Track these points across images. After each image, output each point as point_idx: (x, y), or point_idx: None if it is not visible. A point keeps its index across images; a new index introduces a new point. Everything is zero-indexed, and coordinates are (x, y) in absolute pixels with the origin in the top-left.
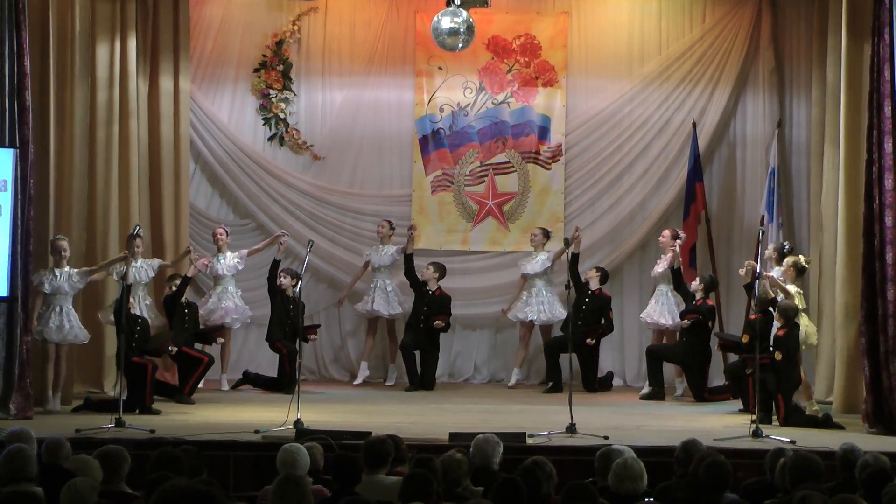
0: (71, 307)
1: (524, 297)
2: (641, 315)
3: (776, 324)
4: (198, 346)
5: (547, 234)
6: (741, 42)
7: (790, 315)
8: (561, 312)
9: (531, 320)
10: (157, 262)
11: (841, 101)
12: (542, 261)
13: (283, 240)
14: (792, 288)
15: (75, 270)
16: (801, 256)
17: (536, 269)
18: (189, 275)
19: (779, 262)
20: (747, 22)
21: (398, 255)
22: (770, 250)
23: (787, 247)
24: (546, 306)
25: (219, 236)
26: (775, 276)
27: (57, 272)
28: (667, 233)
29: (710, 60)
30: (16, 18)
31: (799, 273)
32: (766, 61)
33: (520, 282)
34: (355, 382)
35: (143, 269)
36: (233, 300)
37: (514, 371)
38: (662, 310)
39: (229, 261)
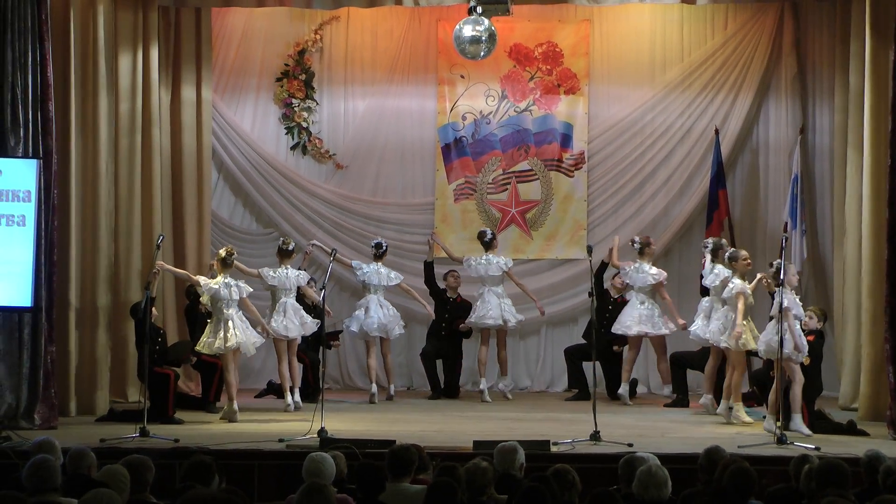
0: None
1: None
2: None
3: (804, 328)
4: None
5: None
6: (763, 48)
7: (824, 319)
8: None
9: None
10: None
11: (865, 106)
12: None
13: (308, 249)
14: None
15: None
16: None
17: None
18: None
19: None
20: (769, 28)
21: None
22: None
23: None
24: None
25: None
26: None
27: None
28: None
29: (733, 67)
30: (38, 29)
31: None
32: (789, 67)
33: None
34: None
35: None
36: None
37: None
38: (643, 318)
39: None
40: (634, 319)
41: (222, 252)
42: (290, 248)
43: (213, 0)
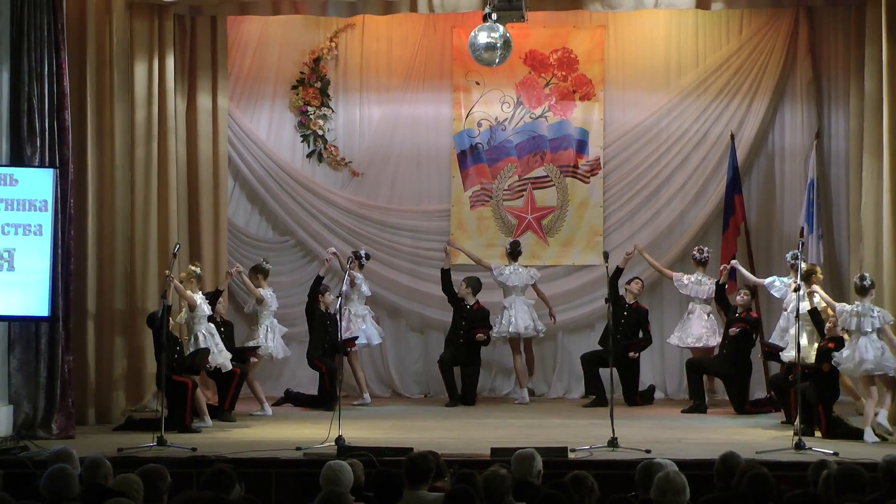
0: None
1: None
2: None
3: (826, 334)
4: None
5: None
6: (778, 53)
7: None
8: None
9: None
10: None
11: (884, 111)
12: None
13: (328, 257)
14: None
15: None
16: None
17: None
18: (221, 289)
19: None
20: (784, 33)
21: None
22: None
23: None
24: None
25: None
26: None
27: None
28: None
29: (748, 72)
30: (55, 39)
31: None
32: (804, 72)
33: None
34: (355, 403)
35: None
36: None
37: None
38: (716, 330)
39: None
40: (710, 331)
41: (197, 269)
42: (270, 267)
43: (228, 8)
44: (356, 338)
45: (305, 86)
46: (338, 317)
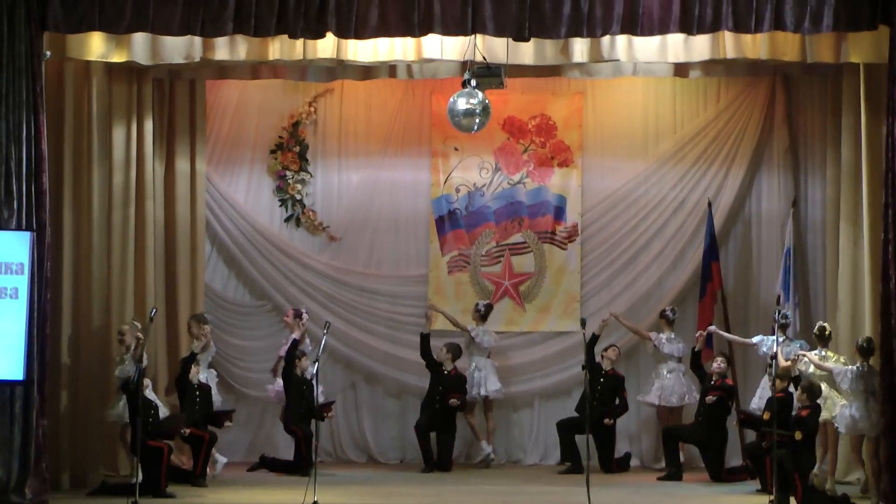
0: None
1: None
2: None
3: (797, 403)
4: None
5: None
6: (756, 121)
7: (815, 395)
8: None
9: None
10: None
11: (863, 179)
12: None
13: (301, 322)
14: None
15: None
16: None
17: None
18: (195, 351)
19: (821, 342)
20: (761, 101)
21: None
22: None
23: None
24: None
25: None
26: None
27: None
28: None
29: (725, 140)
30: (33, 102)
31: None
32: (781, 140)
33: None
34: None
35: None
36: None
37: None
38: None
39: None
40: (687, 388)
41: (139, 324)
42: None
43: (207, 72)
44: (332, 402)
45: (284, 150)
46: (314, 381)
